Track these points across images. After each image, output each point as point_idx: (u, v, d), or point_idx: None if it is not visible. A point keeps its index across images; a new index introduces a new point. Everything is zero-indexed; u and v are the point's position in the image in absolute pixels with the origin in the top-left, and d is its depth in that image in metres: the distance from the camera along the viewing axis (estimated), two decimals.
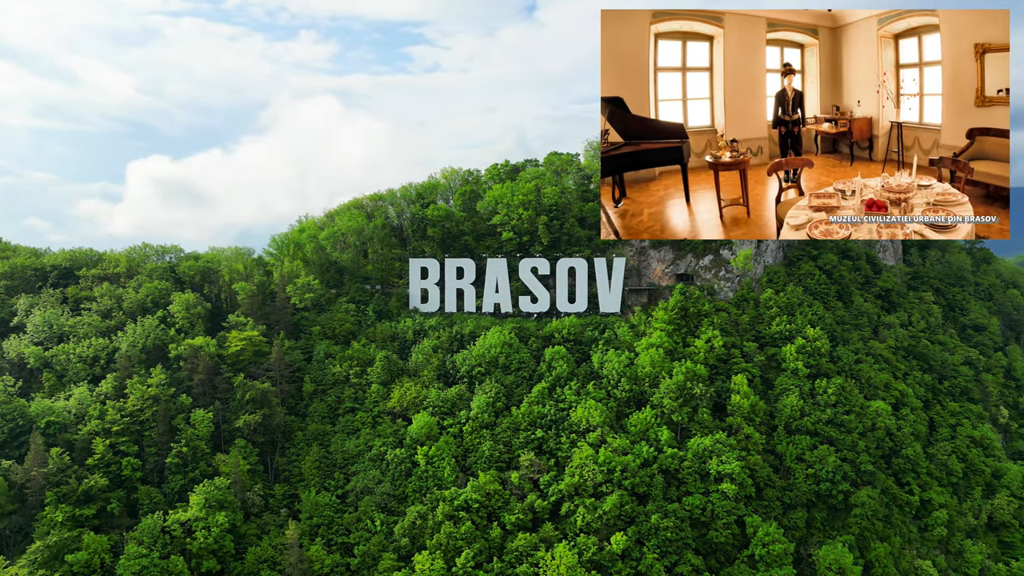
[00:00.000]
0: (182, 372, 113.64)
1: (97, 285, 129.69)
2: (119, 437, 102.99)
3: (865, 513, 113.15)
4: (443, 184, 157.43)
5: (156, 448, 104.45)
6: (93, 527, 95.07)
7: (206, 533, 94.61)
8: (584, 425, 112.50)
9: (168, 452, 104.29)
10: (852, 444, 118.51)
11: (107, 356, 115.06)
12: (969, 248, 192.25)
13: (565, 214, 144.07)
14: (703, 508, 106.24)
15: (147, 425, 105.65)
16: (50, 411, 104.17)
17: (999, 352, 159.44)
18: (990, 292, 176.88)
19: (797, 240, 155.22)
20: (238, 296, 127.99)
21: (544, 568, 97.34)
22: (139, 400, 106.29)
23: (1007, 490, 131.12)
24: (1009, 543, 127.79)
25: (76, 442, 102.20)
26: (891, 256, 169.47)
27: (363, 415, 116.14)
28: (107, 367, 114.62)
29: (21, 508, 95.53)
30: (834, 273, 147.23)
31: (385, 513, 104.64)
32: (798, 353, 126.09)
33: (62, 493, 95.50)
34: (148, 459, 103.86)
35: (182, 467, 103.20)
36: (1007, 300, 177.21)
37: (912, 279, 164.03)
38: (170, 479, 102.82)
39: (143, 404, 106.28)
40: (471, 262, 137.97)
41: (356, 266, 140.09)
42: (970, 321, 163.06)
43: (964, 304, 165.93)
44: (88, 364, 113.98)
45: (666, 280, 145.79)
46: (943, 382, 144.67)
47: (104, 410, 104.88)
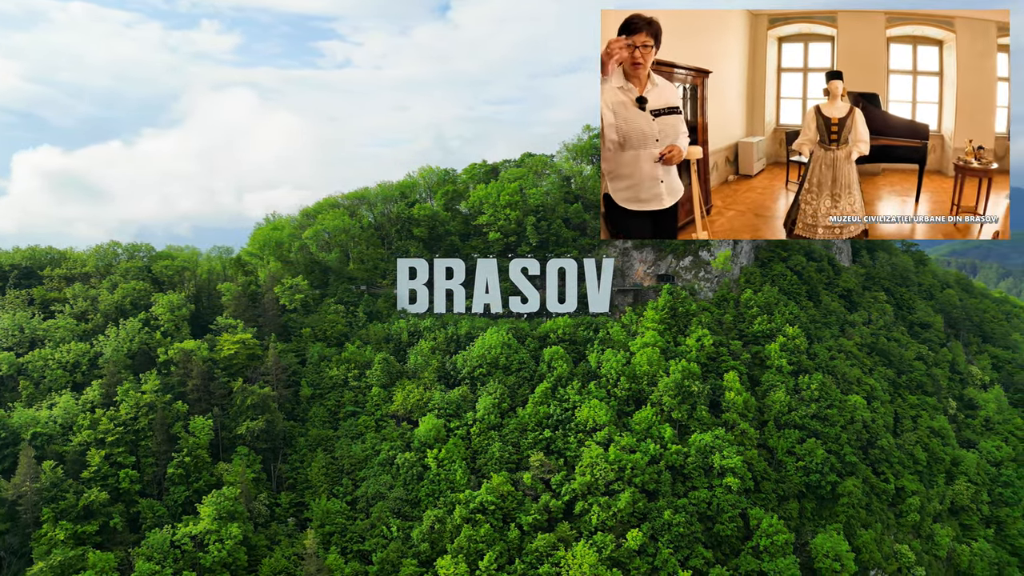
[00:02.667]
0: (172, 377, 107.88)
1: (67, 286, 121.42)
2: (114, 448, 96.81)
3: (851, 502, 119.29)
4: (422, 183, 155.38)
5: (154, 458, 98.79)
6: (96, 544, 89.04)
7: (219, 546, 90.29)
8: (591, 424, 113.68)
9: (167, 462, 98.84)
10: (836, 437, 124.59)
11: (88, 361, 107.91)
12: (906, 249, 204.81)
13: (552, 215, 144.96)
14: (708, 502, 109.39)
15: (142, 434, 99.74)
16: (34, 421, 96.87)
17: (944, 348, 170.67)
18: (931, 291, 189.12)
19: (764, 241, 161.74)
20: (223, 297, 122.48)
21: (566, 567, 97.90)
22: (132, 408, 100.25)
23: (964, 476, 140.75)
24: (968, 525, 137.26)
25: (67, 454, 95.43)
26: (845, 258, 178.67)
27: (366, 419, 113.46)
28: (89, 373, 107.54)
29: (14, 527, 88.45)
30: (804, 274, 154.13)
31: (400, 518, 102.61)
32: (781, 351, 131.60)
33: (60, 509, 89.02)
34: (146, 470, 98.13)
35: (185, 478, 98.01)
36: (945, 299, 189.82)
37: (866, 280, 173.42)
38: (172, 491, 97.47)
39: (137, 412, 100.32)
40: (461, 262, 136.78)
41: (341, 266, 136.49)
42: (917, 319, 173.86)
43: (911, 303, 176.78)
44: (68, 370, 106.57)
45: (648, 280, 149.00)
46: (901, 376, 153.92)
47: (96, 419, 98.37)
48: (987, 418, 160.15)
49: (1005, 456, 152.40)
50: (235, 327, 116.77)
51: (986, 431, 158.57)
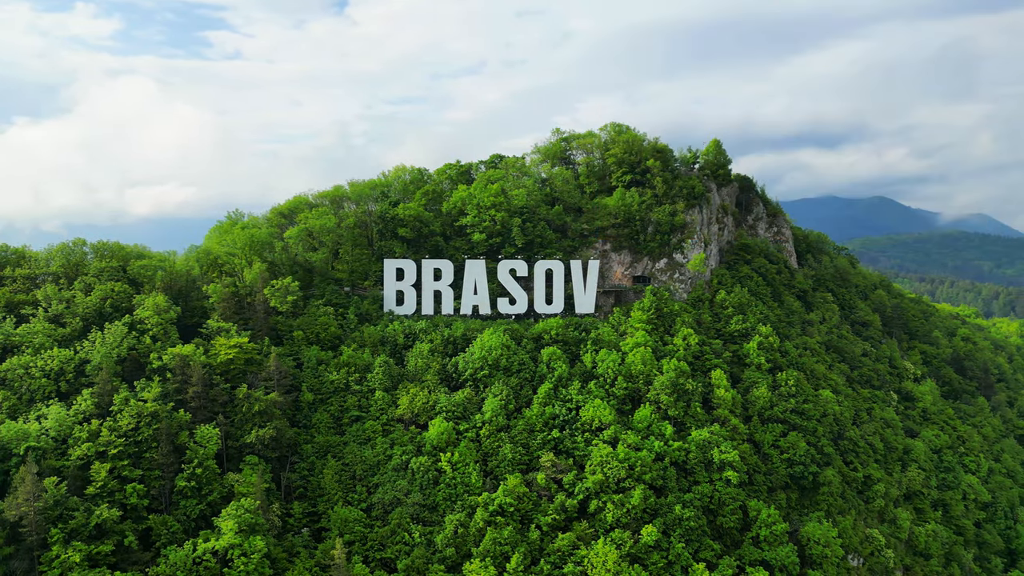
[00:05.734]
0: (170, 384, 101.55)
1: (33, 287, 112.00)
2: (118, 461, 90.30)
3: (831, 491, 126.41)
4: (398, 184, 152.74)
5: (160, 471, 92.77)
6: (110, 565, 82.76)
7: (244, 560, 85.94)
8: (596, 424, 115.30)
9: (174, 475, 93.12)
10: (813, 430, 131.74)
11: (74, 369, 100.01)
12: (839, 252, 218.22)
13: (534, 216, 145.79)
14: (711, 496, 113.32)
15: (144, 446, 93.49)
16: (24, 435, 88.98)
17: (884, 344, 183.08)
18: (865, 292, 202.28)
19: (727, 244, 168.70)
20: (210, 299, 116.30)
21: (589, 566, 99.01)
22: (133, 418, 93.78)
23: (915, 463, 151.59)
24: (921, 509, 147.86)
25: (65, 469, 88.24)
26: (794, 261, 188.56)
27: (372, 424, 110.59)
28: (74, 382, 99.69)
29: (19, 550, 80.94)
30: (767, 275, 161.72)
31: (419, 524, 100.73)
32: (759, 349, 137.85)
33: (69, 529, 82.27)
34: (152, 483, 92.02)
35: (197, 490, 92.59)
36: (876, 299, 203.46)
37: (815, 281, 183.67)
38: (183, 504, 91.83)
39: (138, 422, 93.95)
40: (449, 263, 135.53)
41: (325, 267, 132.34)
42: (858, 318, 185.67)
43: (852, 303, 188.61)
44: (51, 379, 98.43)
45: (626, 282, 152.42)
46: (854, 371, 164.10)
47: (94, 431, 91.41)
48: (924, 409, 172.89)
49: (943, 444, 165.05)
50: (228, 331, 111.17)
51: (924, 421, 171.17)
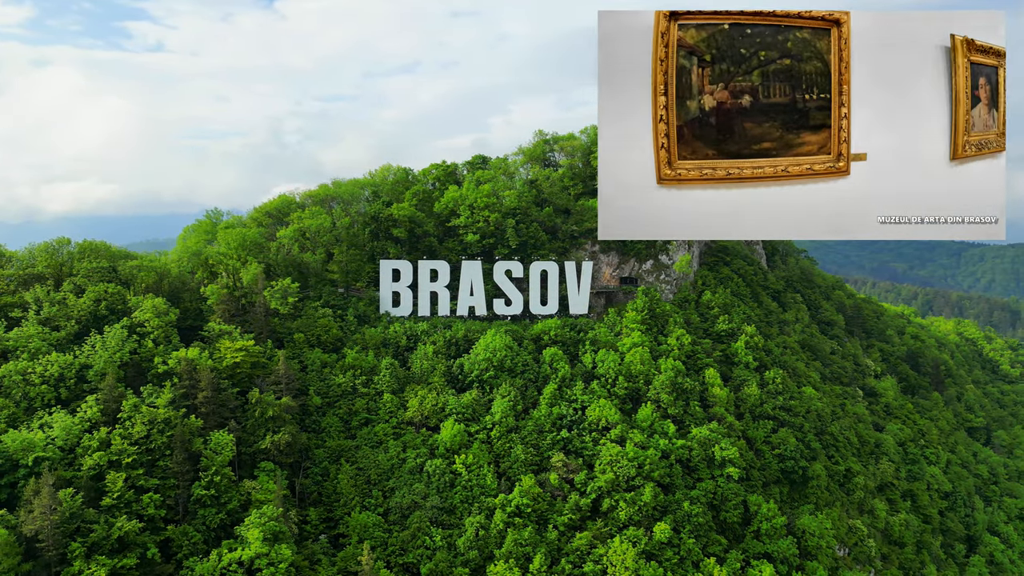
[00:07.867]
0: (178, 389, 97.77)
1: (20, 288, 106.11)
2: (133, 470, 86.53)
3: (820, 484, 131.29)
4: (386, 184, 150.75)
5: (176, 479, 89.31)
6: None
7: (272, 570, 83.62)
8: (603, 423, 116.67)
9: (190, 483, 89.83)
10: (800, 426, 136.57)
11: (75, 374, 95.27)
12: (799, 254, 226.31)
13: (526, 217, 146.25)
14: (714, 492, 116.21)
15: (158, 454, 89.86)
16: (31, 445, 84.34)
17: (848, 343, 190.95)
18: (827, 293, 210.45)
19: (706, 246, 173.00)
20: (209, 301, 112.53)
21: (608, 564, 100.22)
22: (145, 425, 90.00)
23: (886, 456, 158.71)
24: (892, 499, 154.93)
25: (78, 480, 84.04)
26: (764, 262, 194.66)
27: (383, 427, 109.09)
28: (75, 388, 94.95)
29: (36, 566, 76.65)
30: (746, 276, 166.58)
31: (439, 527, 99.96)
32: (747, 348, 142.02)
33: (90, 543, 78.41)
34: (168, 493, 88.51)
35: (216, 499, 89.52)
36: (837, 299, 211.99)
37: (786, 283, 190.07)
38: (201, 514, 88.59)
39: (150, 429, 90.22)
40: (446, 264, 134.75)
41: (320, 268, 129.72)
42: (824, 318, 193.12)
43: (817, 303, 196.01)
44: (51, 385, 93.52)
45: (614, 283, 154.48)
46: (826, 369, 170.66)
47: (105, 439, 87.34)
48: (887, 404, 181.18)
49: (906, 437, 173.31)
50: (231, 333, 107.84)
51: (888, 416, 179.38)
